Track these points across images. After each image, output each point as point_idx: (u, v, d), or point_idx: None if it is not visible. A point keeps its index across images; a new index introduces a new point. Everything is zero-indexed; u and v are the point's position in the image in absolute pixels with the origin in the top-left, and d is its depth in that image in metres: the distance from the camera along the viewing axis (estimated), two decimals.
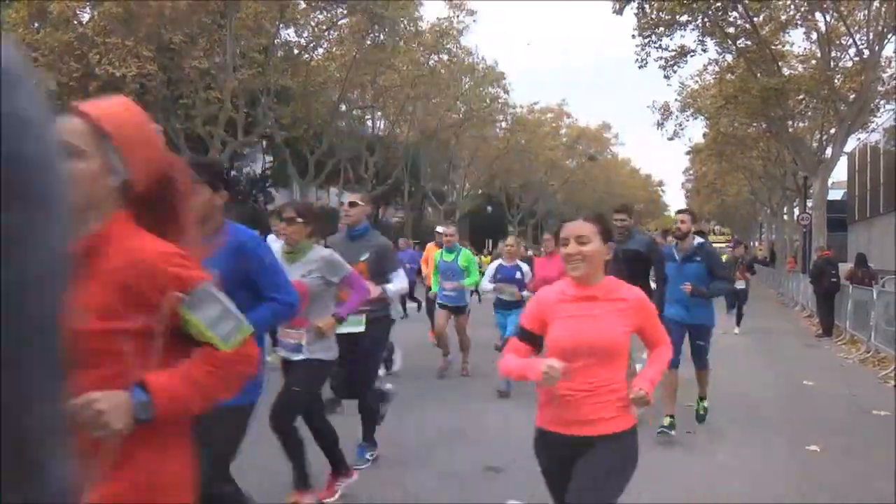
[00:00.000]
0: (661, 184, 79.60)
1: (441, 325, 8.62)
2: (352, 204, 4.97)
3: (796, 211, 33.41)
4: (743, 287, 14.46)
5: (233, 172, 35.61)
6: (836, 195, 37.84)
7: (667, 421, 5.94)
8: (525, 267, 8.08)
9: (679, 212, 6.44)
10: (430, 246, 11.34)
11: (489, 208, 48.02)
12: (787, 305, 23.41)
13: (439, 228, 10.88)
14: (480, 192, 48.91)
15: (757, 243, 60.41)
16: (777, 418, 6.87)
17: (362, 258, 4.78)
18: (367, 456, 5.05)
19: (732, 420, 6.69)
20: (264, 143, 34.06)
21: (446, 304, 8.60)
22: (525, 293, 7.62)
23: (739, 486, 4.77)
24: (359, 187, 33.80)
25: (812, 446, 5.73)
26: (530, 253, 14.02)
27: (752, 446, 5.75)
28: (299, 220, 4.16)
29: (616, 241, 6.29)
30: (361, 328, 4.86)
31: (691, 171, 52.92)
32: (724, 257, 15.15)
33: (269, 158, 37.02)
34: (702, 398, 6.46)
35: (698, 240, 6.21)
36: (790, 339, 14.12)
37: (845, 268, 15.71)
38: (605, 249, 2.63)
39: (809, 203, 27.19)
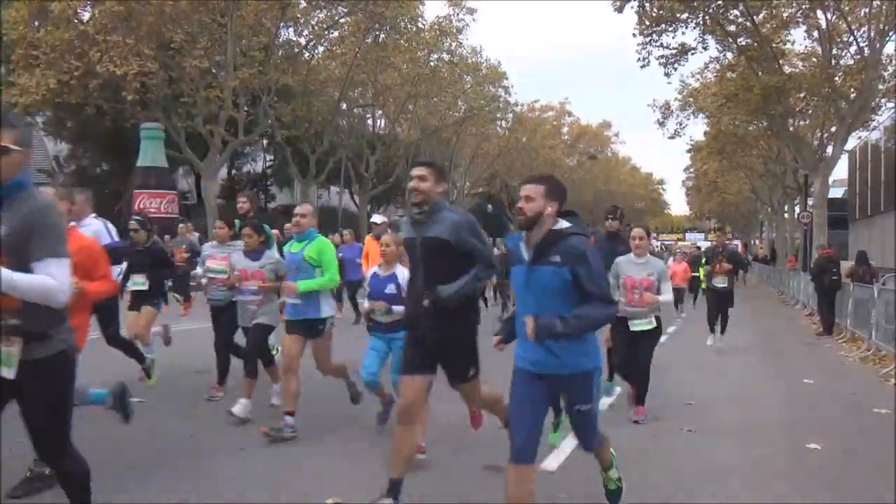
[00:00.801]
0: (661, 182, 79.71)
1: (290, 353, 5.48)
2: (3, 151, 2.74)
3: (797, 209, 33.42)
4: (725, 286, 11.32)
5: (233, 171, 35.67)
6: (836, 193, 37.86)
7: None
8: (404, 275, 5.19)
9: (525, 182, 3.68)
10: (369, 239, 9.34)
11: (490, 207, 48.04)
12: (787, 304, 23.42)
13: (375, 218, 9.13)
14: (481, 190, 48.94)
15: (758, 241, 60.47)
16: (777, 417, 6.87)
17: None
18: None
19: (732, 419, 6.69)
20: (265, 141, 34.08)
21: (293, 320, 5.56)
22: (395, 308, 5.21)
23: (739, 485, 4.78)
24: (360, 187, 33.82)
25: (812, 445, 5.73)
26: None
27: (752, 445, 5.75)
28: None
29: (414, 220, 4.17)
30: (9, 373, 2.83)
31: (692, 169, 52.92)
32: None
33: (269, 157, 37.05)
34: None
35: (563, 224, 3.50)
36: (790, 337, 14.13)
37: (846, 266, 15.71)
38: None
39: (810, 201, 27.21)
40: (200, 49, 21.77)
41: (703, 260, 13.10)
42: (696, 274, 16.52)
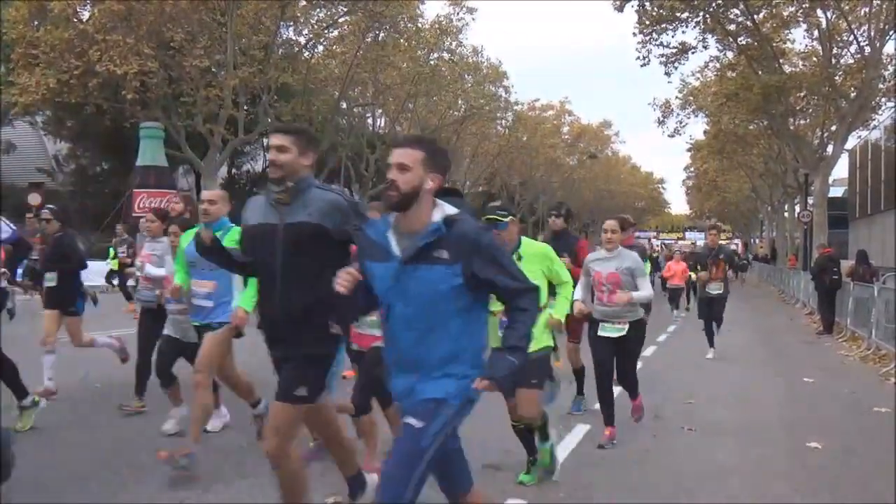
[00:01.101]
0: (661, 181, 79.53)
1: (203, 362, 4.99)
2: None
3: (797, 208, 33.43)
4: (720, 292, 10.26)
5: (233, 170, 35.67)
6: (836, 192, 37.82)
7: None
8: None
9: (395, 145, 2.67)
10: None
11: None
12: (787, 302, 23.42)
13: None
14: (481, 189, 48.90)
15: (758, 240, 60.46)
16: (777, 416, 6.87)
17: None
18: None
19: (732, 419, 6.68)
20: (265, 140, 34.04)
21: (201, 326, 5.05)
22: None
23: (739, 485, 4.77)
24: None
25: (812, 444, 5.72)
26: None
27: (752, 445, 5.75)
28: None
29: (276, 201, 3.28)
30: None
31: (692, 169, 52.91)
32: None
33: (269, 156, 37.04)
34: None
35: (448, 210, 2.60)
36: (791, 336, 14.13)
37: (846, 265, 15.71)
38: None
39: (810, 200, 27.22)
40: (200, 48, 21.76)
41: (695, 265, 11.08)
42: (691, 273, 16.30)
